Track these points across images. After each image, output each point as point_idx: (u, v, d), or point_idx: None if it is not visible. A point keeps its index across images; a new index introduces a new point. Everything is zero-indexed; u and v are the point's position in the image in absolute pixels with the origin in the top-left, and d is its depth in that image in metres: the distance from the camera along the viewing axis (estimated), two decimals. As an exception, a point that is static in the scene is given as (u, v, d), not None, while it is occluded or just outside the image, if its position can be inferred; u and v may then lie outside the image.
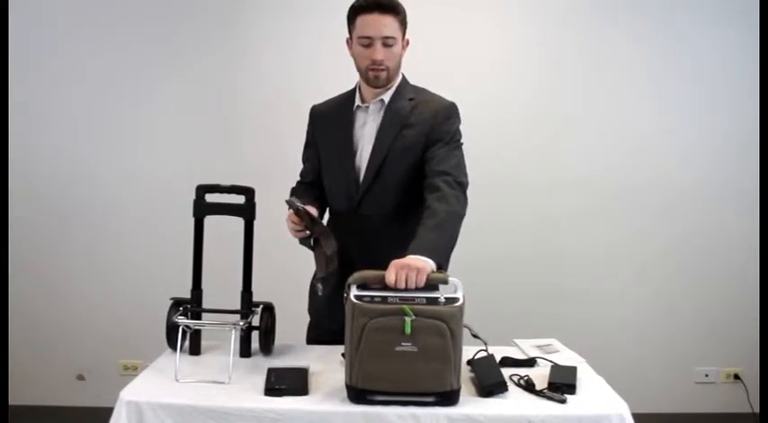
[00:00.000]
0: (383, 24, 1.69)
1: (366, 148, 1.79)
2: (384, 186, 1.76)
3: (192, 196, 1.70)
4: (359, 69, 1.79)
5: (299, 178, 1.98)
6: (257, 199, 1.72)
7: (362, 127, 1.81)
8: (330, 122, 1.87)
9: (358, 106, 1.83)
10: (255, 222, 1.74)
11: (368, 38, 1.71)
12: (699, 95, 3.04)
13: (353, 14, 1.73)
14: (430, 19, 2.98)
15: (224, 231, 1.81)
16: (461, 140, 1.81)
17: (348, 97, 1.87)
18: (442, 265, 1.54)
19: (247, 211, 1.71)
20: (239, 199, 1.71)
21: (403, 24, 1.74)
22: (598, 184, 3.03)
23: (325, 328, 1.85)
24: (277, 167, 2.87)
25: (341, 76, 1.93)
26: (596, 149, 3.04)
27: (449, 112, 1.79)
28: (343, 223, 1.83)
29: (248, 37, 3.01)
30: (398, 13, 1.72)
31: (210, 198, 1.71)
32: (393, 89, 1.81)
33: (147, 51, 2.98)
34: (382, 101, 1.80)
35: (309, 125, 1.94)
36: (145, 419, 1.36)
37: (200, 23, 2.98)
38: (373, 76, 1.74)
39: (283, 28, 2.99)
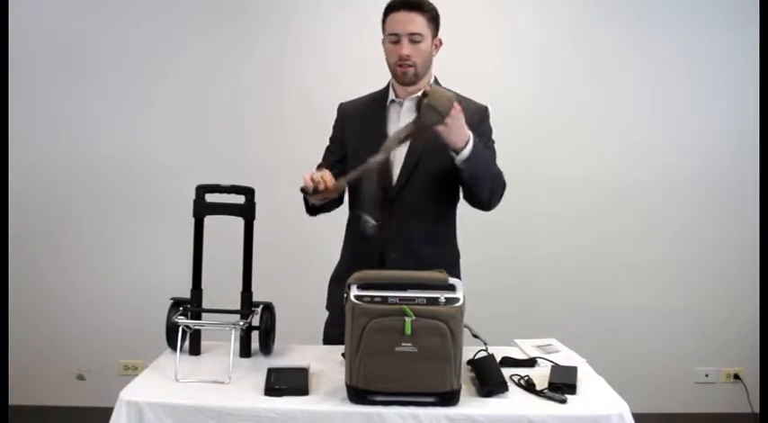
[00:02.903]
0: (409, 21, 1.74)
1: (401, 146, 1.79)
2: (417, 184, 1.77)
3: (192, 196, 1.70)
4: (389, 66, 1.82)
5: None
6: (257, 199, 1.72)
7: (396, 121, 1.83)
8: (362, 118, 1.88)
9: (392, 101, 1.84)
10: (256, 222, 1.74)
11: (395, 35, 1.75)
12: (699, 95, 3.04)
13: (385, 14, 1.79)
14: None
15: (224, 231, 1.81)
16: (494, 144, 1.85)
17: (380, 95, 1.90)
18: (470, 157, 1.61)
19: (247, 211, 1.71)
20: (239, 199, 1.71)
21: (432, 23, 1.78)
22: (597, 184, 3.04)
23: (341, 329, 1.84)
24: (278, 167, 2.89)
25: (346, 77, 1.94)
26: (596, 149, 3.04)
27: (483, 115, 1.85)
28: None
29: (253, 37, 3.00)
30: (426, 11, 1.76)
31: (210, 198, 1.71)
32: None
33: (149, 51, 2.99)
34: (418, 97, 1.80)
35: (338, 121, 1.95)
36: (145, 419, 1.36)
37: (207, 23, 2.99)
38: (401, 72, 1.77)
39: (290, 29, 2.99)
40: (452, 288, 1.38)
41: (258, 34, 3.00)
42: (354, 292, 1.36)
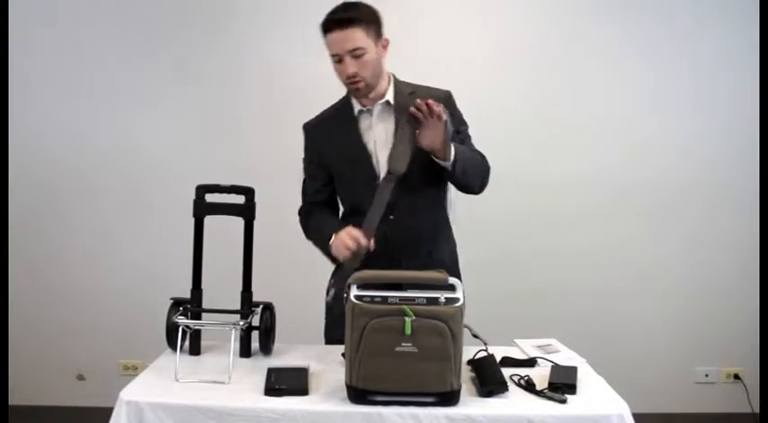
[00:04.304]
0: (346, 39, 1.68)
1: (382, 151, 1.77)
2: (408, 184, 1.73)
3: (192, 196, 1.70)
4: (342, 82, 1.78)
5: (305, 200, 1.93)
6: (257, 199, 1.72)
7: (369, 129, 1.81)
8: (333, 133, 1.85)
9: (360, 110, 1.82)
10: (256, 222, 1.74)
11: (336, 55, 1.71)
12: (699, 95, 3.03)
13: (323, 35, 1.73)
14: (426, 16, 2.98)
15: (224, 231, 1.81)
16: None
17: (342, 106, 1.86)
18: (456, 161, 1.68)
19: (247, 211, 1.71)
20: (239, 199, 1.71)
21: (371, 28, 1.71)
22: (597, 184, 3.03)
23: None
24: (278, 167, 2.88)
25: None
26: (596, 150, 3.03)
27: (452, 100, 1.84)
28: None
29: (253, 37, 3.00)
30: (360, 20, 1.69)
31: (210, 198, 1.71)
32: (392, 88, 1.81)
33: (149, 50, 2.98)
34: (388, 102, 1.80)
35: (308, 142, 1.91)
36: (145, 419, 1.36)
37: (206, 23, 2.98)
38: (354, 88, 1.75)
39: (289, 28, 2.98)
40: (452, 288, 1.38)
41: (258, 34, 3.00)
42: (354, 292, 1.37)
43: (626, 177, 3.04)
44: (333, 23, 1.69)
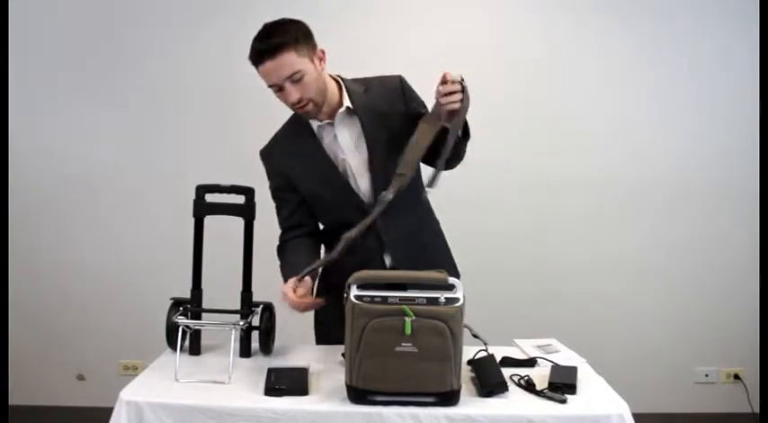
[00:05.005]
0: (279, 67, 1.58)
1: (353, 159, 1.72)
2: (389, 183, 1.64)
3: (192, 196, 1.70)
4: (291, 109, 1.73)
5: (282, 227, 1.85)
6: (257, 199, 1.72)
7: (333, 141, 1.73)
8: (296, 154, 1.76)
9: (320, 125, 1.74)
10: (256, 222, 1.74)
11: (274, 85, 1.62)
12: (698, 96, 3.03)
13: (254, 67, 1.64)
14: (426, 16, 2.98)
15: (224, 231, 1.81)
16: None
17: (296, 124, 1.78)
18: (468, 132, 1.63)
19: (247, 211, 1.71)
20: (239, 199, 1.71)
21: (302, 46, 1.61)
22: (597, 184, 3.03)
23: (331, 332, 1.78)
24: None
25: (345, 75, 1.92)
26: (596, 151, 3.03)
27: (406, 84, 1.76)
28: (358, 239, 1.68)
29: (250, 35, 3.00)
30: (288, 43, 1.58)
31: (210, 198, 1.71)
32: (345, 92, 1.73)
33: (148, 51, 2.98)
34: (348, 108, 1.72)
35: (271, 169, 1.82)
36: (145, 419, 1.36)
37: (202, 22, 2.98)
38: (303, 113, 1.69)
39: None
40: (452, 288, 1.38)
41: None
42: (354, 292, 1.36)
43: (626, 178, 3.04)
44: (262, 55, 1.59)
